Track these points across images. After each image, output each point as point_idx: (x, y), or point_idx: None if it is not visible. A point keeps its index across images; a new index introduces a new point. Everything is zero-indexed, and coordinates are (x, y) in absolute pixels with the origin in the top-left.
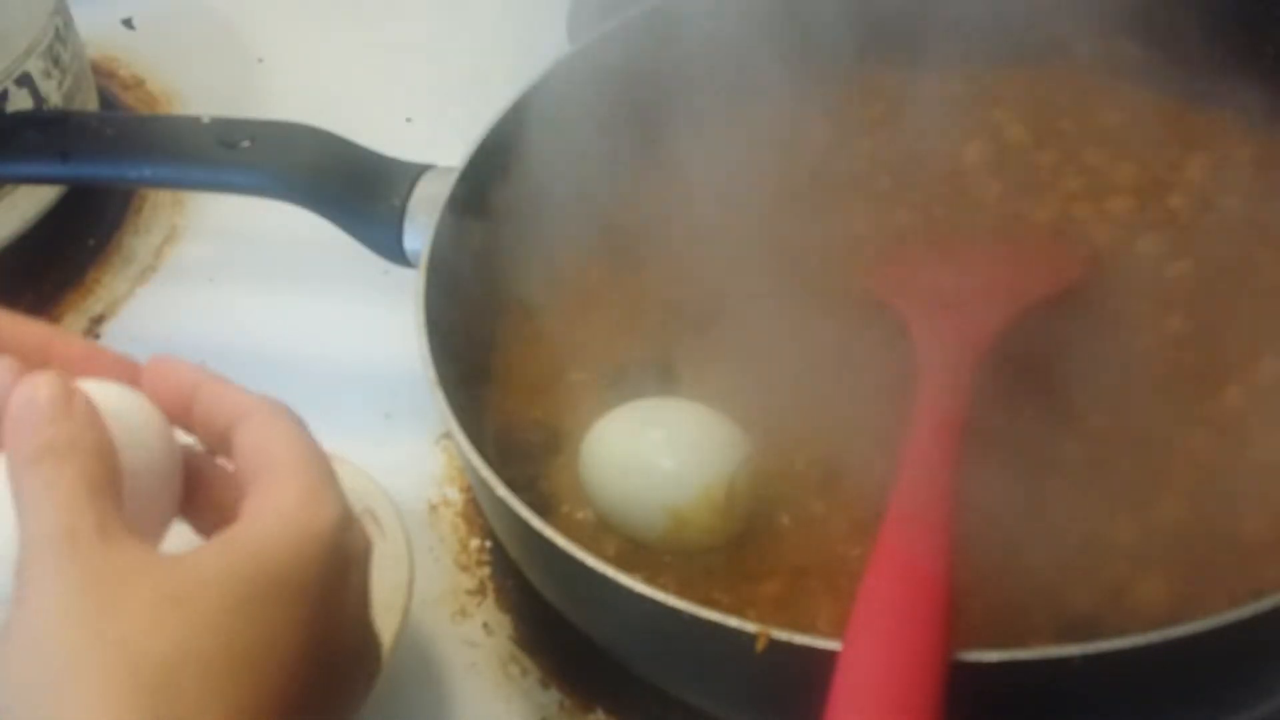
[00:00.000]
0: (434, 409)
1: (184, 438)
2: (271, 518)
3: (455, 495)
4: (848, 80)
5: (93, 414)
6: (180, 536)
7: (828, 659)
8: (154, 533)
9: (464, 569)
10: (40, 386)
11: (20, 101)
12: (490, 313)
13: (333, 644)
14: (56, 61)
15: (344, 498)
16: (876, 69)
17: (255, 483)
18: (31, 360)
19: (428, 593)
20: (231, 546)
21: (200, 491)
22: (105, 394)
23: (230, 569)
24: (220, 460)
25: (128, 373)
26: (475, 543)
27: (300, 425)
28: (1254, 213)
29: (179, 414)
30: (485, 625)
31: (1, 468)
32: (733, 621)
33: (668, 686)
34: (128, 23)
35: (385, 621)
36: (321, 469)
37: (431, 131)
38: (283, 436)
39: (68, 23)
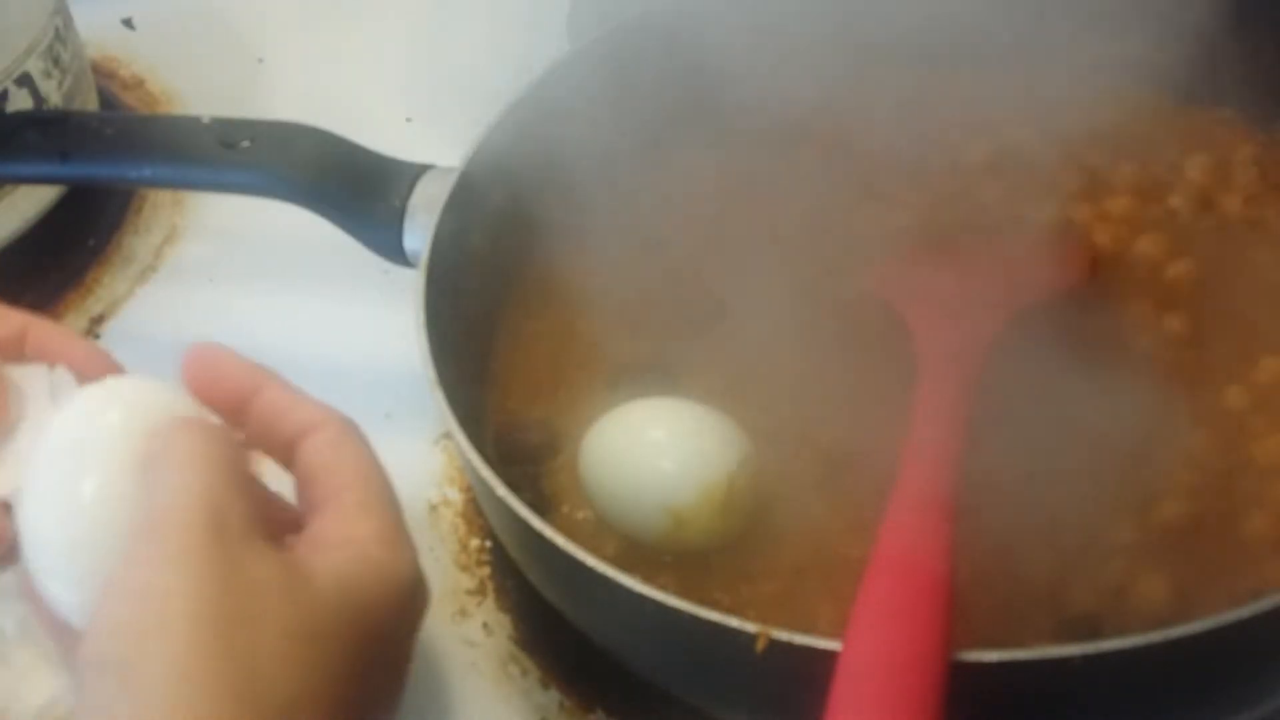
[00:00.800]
0: (434, 409)
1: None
2: (359, 556)
3: (455, 495)
4: (848, 80)
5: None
6: None
7: (828, 659)
8: None
9: (464, 569)
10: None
11: (20, 101)
12: (490, 313)
13: (397, 687)
14: (56, 61)
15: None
16: (877, 69)
17: (329, 507)
18: (6, 350)
19: None
20: (344, 589)
21: None
22: (140, 389)
23: (352, 617)
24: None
25: (103, 365)
26: (475, 543)
27: (369, 446)
28: (1254, 213)
29: (229, 412)
30: (485, 625)
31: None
32: (733, 621)
33: (668, 686)
34: (128, 23)
35: None
36: (394, 501)
37: (431, 131)
38: (356, 460)
39: (68, 23)
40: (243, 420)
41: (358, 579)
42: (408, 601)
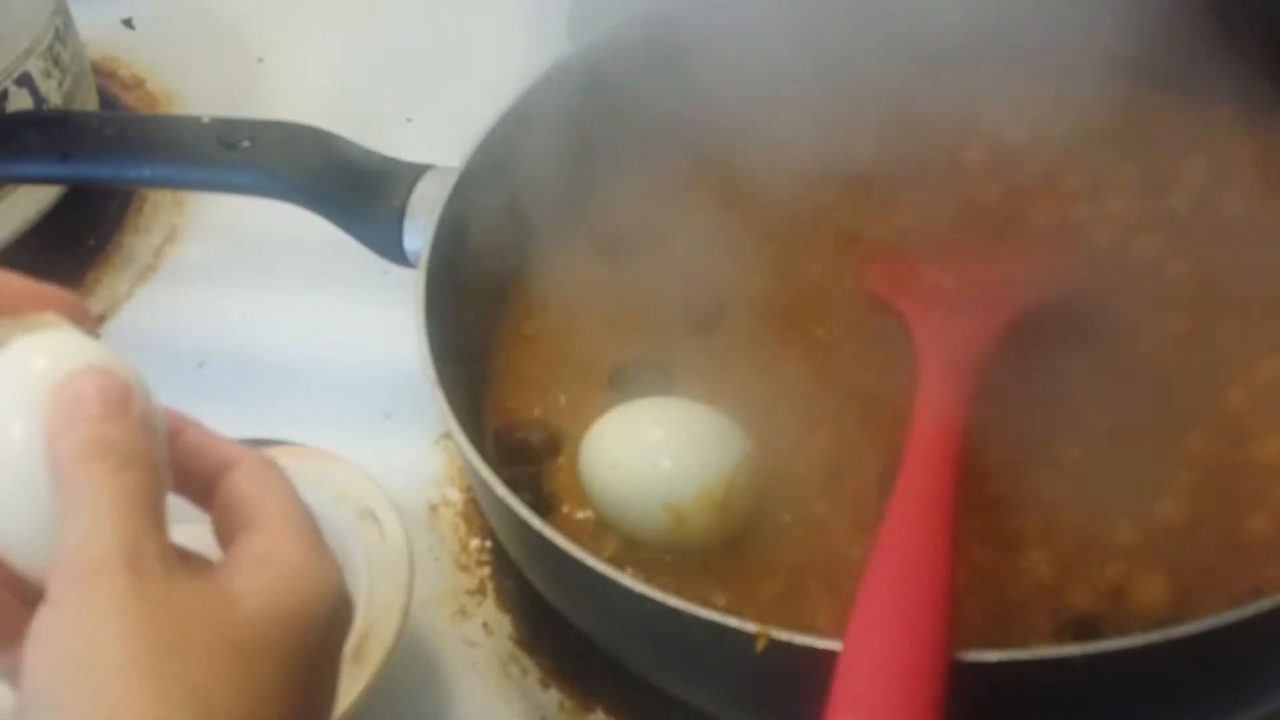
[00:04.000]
0: (434, 409)
1: None
2: (285, 570)
3: (455, 495)
4: (848, 80)
5: (150, 419)
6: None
7: (828, 659)
8: None
9: (464, 569)
10: (93, 378)
11: (20, 101)
12: (490, 313)
13: (330, 700)
14: (56, 61)
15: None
16: (876, 69)
17: (252, 528)
18: None
19: (428, 593)
20: (273, 603)
21: None
22: (68, 342)
23: (284, 629)
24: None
25: (74, 310)
26: (475, 543)
27: (289, 479)
28: (1254, 213)
29: None
30: (485, 625)
31: (20, 437)
32: (733, 621)
33: (668, 686)
34: (128, 23)
35: (385, 621)
36: (316, 524)
37: (431, 131)
38: (278, 488)
39: (68, 23)
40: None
41: (285, 594)
42: (335, 612)
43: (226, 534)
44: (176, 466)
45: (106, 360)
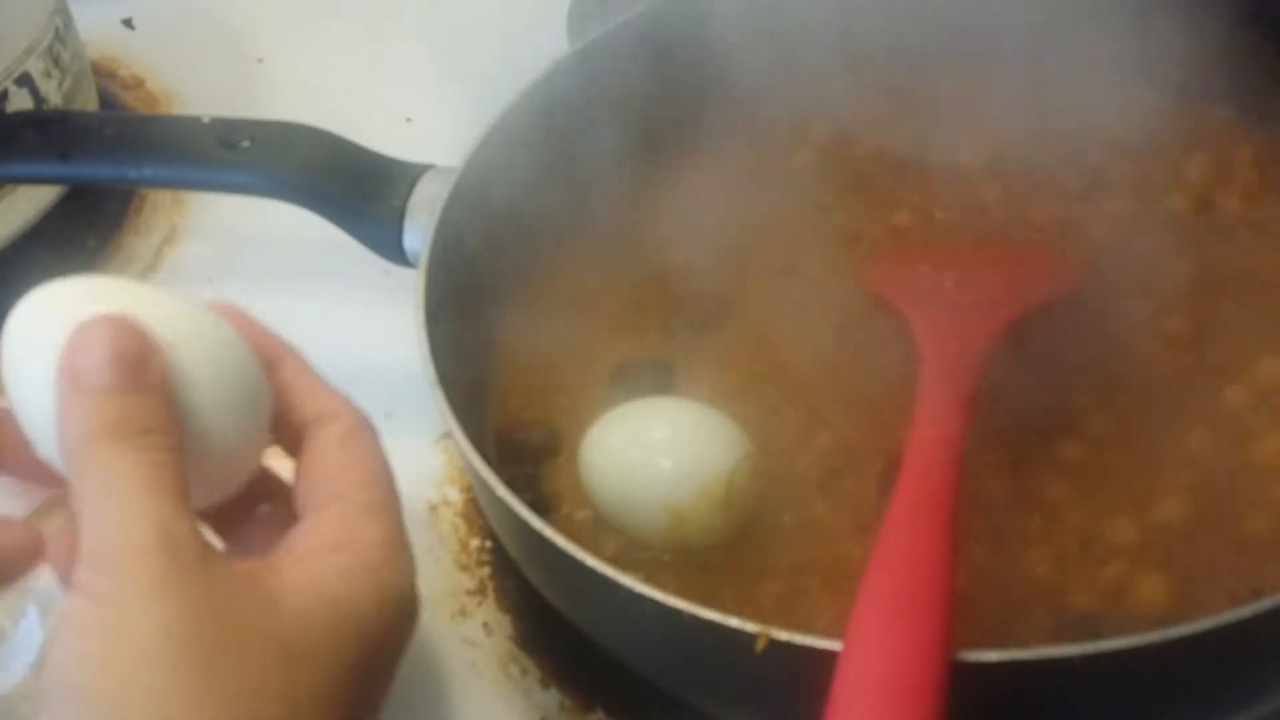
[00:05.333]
0: (434, 409)
1: None
2: (359, 563)
3: (455, 495)
4: (848, 80)
5: (168, 385)
6: None
7: (828, 659)
8: (220, 491)
9: (464, 569)
10: (105, 333)
11: (20, 101)
12: (490, 313)
13: (381, 703)
14: (56, 61)
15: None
16: (876, 69)
17: (333, 505)
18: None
19: (428, 593)
20: (334, 600)
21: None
22: (173, 313)
23: (336, 634)
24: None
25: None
26: (475, 543)
27: (381, 448)
28: (1254, 213)
29: None
30: (485, 625)
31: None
32: (733, 621)
33: (667, 686)
34: (128, 23)
35: None
36: (400, 510)
37: (431, 131)
38: (368, 460)
39: (68, 23)
40: None
41: (353, 589)
42: (397, 619)
43: (305, 498)
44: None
45: (127, 302)
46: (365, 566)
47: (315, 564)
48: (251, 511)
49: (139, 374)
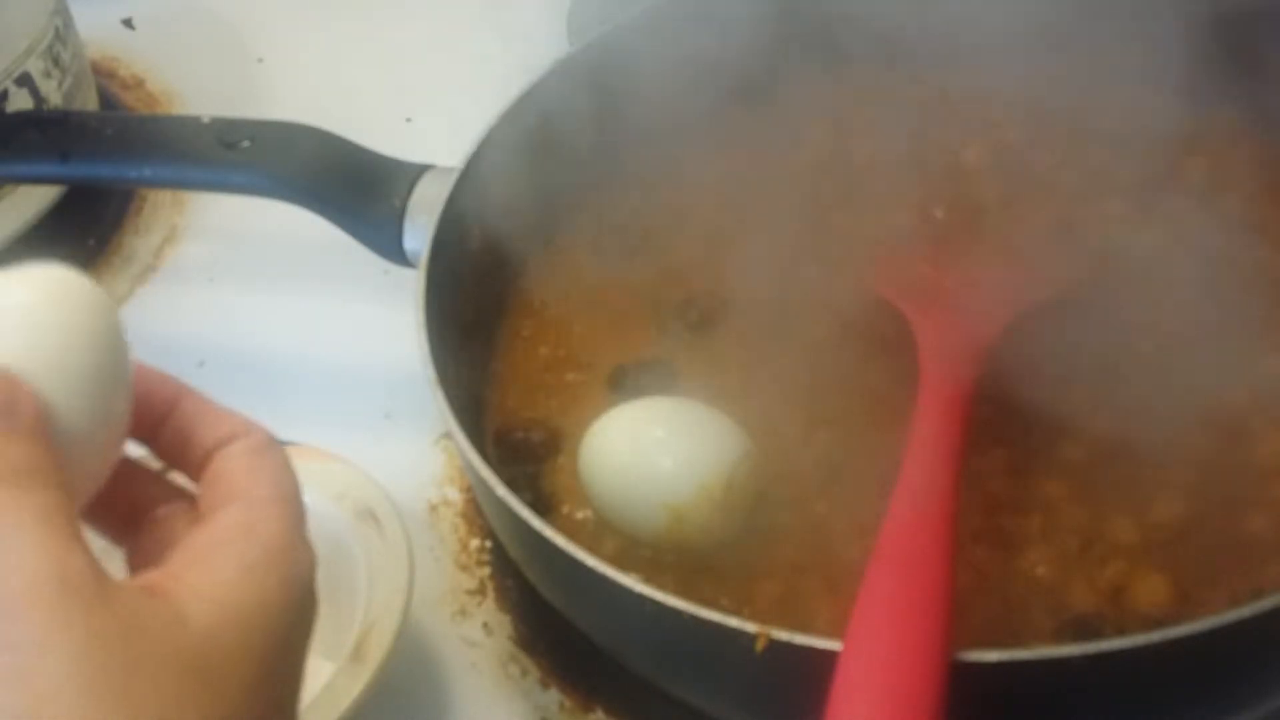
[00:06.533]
0: (434, 409)
1: None
2: (265, 546)
3: (455, 495)
4: (848, 81)
5: (42, 419)
6: None
7: (828, 659)
8: (92, 483)
9: (464, 569)
10: None
11: (20, 101)
12: (490, 313)
13: (296, 695)
14: (56, 61)
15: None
16: (876, 69)
17: (235, 500)
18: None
19: (428, 593)
20: (235, 603)
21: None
22: (36, 277)
23: (245, 635)
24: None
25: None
26: (475, 543)
27: (290, 463)
28: (1254, 213)
29: (143, 425)
30: (485, 625)
31: None
32: (733, 621)
33: (668, 686)
34: (128, 23)
35: (385, 621)
36: (302, 510)
37: (431, 131)
38: (273, 468)
39: (68, 23)
40: (157, 433)
41: (256, 579)
42: (307, 607)
43: (209, 505)
44: (173, 437)
45: None
46: (266, 554)
47: (217, 560)
48: (150, 516)
49: (10, 419)
